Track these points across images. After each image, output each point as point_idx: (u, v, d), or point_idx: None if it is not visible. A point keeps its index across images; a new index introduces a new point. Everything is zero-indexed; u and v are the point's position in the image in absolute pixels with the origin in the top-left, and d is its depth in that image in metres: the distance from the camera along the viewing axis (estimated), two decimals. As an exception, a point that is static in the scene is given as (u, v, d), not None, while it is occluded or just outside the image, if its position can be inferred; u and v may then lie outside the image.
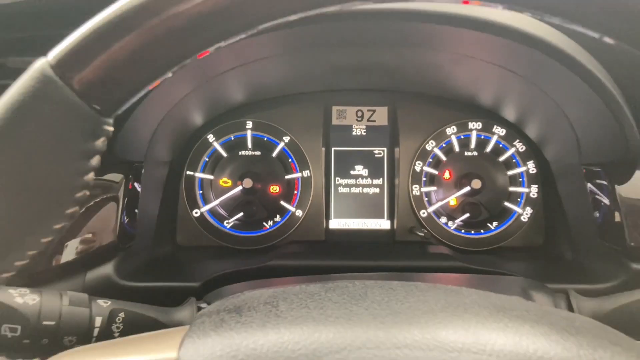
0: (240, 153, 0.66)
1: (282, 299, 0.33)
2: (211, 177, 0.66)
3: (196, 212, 0.65)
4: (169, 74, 0.28)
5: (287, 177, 0.66)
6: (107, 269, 0.50)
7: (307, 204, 0.66)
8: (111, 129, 0.29)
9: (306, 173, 0.66)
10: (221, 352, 0.30)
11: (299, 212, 0.66)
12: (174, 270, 0.59)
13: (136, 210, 0.52)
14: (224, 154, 0.66)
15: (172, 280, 0.54)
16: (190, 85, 0.53)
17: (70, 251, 0.49)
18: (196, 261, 0.63)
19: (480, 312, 0.29)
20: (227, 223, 0.66)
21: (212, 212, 0.66)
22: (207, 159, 0.66)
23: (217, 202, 0.66)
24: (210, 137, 0.64)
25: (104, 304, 0.43)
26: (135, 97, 0.29)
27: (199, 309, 0.46)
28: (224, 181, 0.67)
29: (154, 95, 0.48)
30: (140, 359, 0.34)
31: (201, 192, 0.66)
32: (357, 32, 0.45)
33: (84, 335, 0.40)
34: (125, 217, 0.51)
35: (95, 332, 0.40)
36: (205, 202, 0.65)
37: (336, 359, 0.28)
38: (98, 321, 0.41)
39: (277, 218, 0.66)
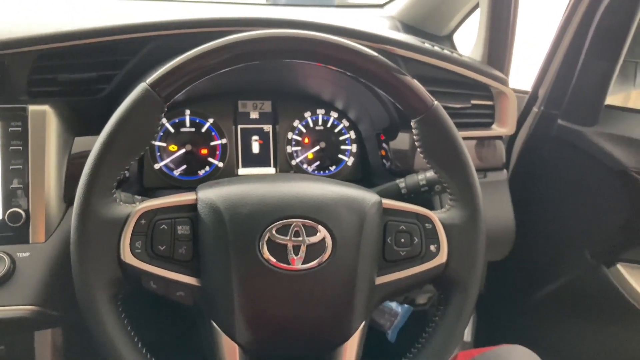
0: (181, 129, 1.07)
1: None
2: (164, 144, 1.06)
3: (156, 166, 1.05)
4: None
5: (211, 143, 1.07)
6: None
7: (225, 159, 1.06)
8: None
9: (224, 141, 1.08)
10: (225, 189, 0.69)
11: (220, 164, 1.06)
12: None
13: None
14: (172, 130, 1.06)
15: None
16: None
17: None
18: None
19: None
20: (175, 172, 1.06)
21: (166, 165, 1.06)
22: (161, 133, 1.05)
23: (169, 159, 1.05)
24: (164, 120, 1.04)
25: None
26: None
27: None
28: (172, 147, 1.07)
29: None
30: (169, 201, 0.65)
31: (158, 153, 1.06)
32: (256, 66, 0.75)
33: None
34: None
35: None
36: (162, 159, 1.04)
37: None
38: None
39: (207, 168, 1.06)
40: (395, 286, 0.70)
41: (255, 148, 1.07)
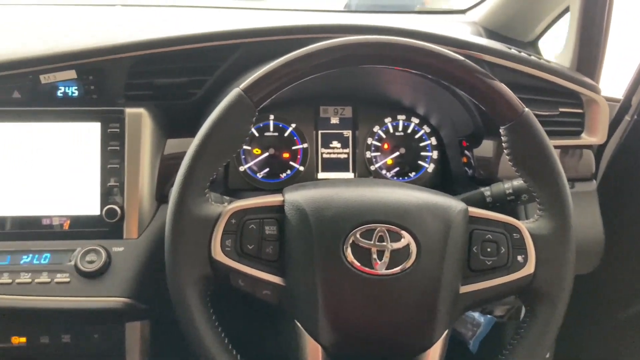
0: (265, 134, 1.10)
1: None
2: (249, 147, 1.09)
3: (241, 168, 1.08)
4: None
5: (293, 147, 1.09)
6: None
7: (306, 163, 1.08)
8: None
9: (305, 145, 1.10)
10: (311, 192, 0.69)
11: (301, 168, 1.08)
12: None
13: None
14: (256, 134, 1.09)
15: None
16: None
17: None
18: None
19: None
20: (258, 175, 1.09)
21: (250, 168, 1.09)
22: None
23: (253, 162, 1.07)
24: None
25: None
26: None
27: None
28: (256, 150, 1.10)
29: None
30: (258, 202, 0.67)
31: (243, 156, 1.10)
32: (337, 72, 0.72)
33: None
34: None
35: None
36: (246, 162, 1.07)
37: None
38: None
39: (288, 171, 1.09)
40: (479, 296, 0.69)
41: (335, 153, 1.08)
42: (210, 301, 0.68)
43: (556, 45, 1.18)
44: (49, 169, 0.86)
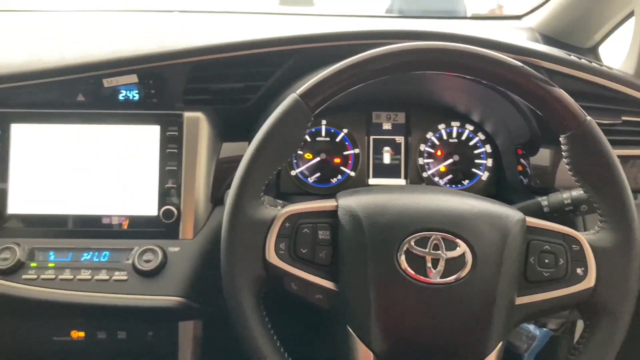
0: (317, 139, 1.11)
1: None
2: (301, 152, 1.10)
3: (293, 172, 1.09)
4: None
5: (345, 152, 1.08)
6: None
7: (357, 169, 1.08)
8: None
9: (356, 151, 1.10)
10: (365, 198, 0.69)
11: (352, 173, 1.07)
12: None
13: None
14: (308, 139, 1.10)
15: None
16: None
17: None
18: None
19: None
20: (309, 179, 1.10)
21: (301, 172, 1.09)
22: (298, 142, 1.09)
23: (304, 166, 1.08)
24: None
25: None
26: None
27: None
28: (308, 155, 1.11)
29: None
30: (311, 206, 0.68)
31: (295, 161, 1.10)
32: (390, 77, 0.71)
33: None
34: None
35: None
36: (298, 166, 1.07)
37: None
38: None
39: (339, 177, 1.09)
40: (536, 308, 0.67)
41: (387, 159, 1.08)
42: (263, 302, 0.69)
43: (617, 52, 1.15)
44: (110, 170, 0.89)
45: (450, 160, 1.06)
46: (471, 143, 1.07)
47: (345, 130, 1.06)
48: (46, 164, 0.89)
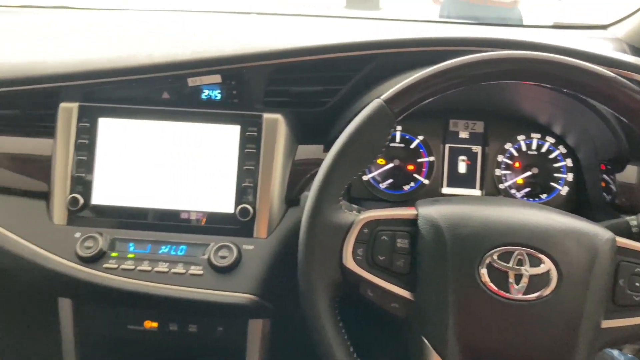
0: (391, 144, 1.10)
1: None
2: (374, 157, 1.09)
3: (365, 177, 1.09)
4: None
5: (419, 160, 1.07)
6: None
7: (431, 177, 1.06)
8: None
9: (431, 158, 1.08)
10: (446, 207, 0.69)
11: (425, 181, 1.06)
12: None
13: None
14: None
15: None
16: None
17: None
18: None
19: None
20: (381, 185, 1.10)
21: (373, 178, 1.08)
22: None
23: (377, 172, 1.07)
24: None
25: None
26: None
27: None
28: (381, 160, 1.10)
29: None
30: (391, 213, 0.69)
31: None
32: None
33: None
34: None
35: None
36: (370, 171, 1.06)
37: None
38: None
39: (412, 184, 1.08)
40: (623, 333, 0.64)
41: (462, 168, 1.06)
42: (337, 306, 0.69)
43: None
44: (190, 166, 0.92)
45: (528, 173, 1.03)
46: (551, 156, 1.03)
47: (420, 137, 1.05)
48: (130, 158, 0.92)
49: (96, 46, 1.05)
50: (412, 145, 1.05)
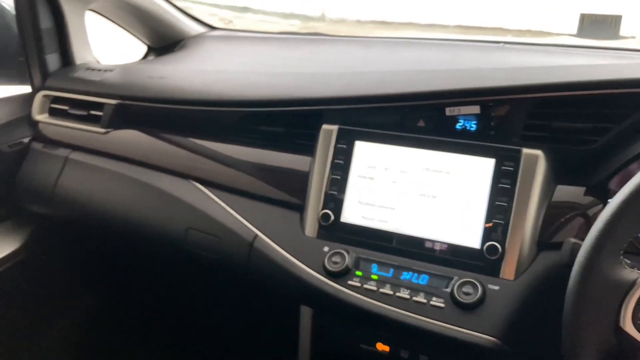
0: None
1: None
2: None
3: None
4: None
5: None
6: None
7: None
8: None
9: None
10: None
11: None
12: None
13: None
14: None
15: None
16: None
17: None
18: None
19: None
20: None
21: None
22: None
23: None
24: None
25: None
26: None
27: None
28: None
29: None
30: None
31: None
32: None
33: None
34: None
35: None
36: None
37: None
38: None
39: None
40: None
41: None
42: None
43: None
44: (438, 195, 0.91)
45: None
46: None
47: None
48: (380, 181, 0.95)
49: (356, 72, 1.10)
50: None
